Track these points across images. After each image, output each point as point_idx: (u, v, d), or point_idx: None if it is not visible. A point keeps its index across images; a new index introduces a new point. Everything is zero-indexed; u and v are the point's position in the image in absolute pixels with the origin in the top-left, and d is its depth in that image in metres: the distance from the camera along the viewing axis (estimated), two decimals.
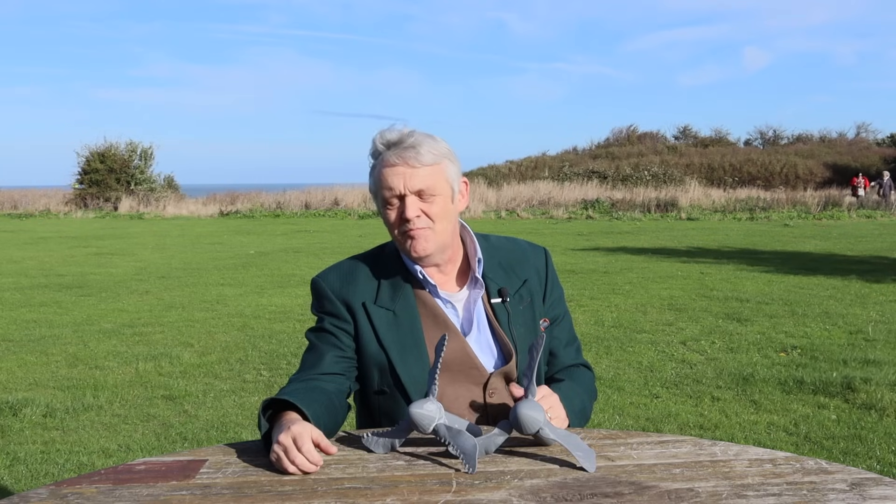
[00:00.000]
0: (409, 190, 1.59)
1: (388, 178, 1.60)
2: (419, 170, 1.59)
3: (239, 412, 4.54)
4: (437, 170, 1.61)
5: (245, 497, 1.25)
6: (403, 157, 1.59)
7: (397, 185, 1.59)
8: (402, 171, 1.59)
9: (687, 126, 48.94)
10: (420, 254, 1.63)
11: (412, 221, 1.60)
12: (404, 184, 1.59)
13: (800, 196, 26.50)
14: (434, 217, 1.62)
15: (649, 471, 1.33)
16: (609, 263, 11.60)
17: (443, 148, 1.63)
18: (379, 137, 1.63)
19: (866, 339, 6.15)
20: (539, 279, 1.77)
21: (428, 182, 1.60)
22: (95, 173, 31.15)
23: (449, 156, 1.65)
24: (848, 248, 13.48)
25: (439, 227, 1.63)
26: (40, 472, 3.65)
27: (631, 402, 4.63)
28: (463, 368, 1.65)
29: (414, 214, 1.60)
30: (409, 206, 1.60)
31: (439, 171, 1.62)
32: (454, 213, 1.67)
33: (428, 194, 1.60)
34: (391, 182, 1.60)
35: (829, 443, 3.87)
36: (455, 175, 1.66)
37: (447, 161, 1.64)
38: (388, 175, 1.60)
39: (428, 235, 1.62)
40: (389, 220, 1.64)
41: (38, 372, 5.49)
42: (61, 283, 10.22)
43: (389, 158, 1.60)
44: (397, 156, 1.59)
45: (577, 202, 27.59)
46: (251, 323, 7.25)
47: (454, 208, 1.67)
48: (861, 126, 46.74)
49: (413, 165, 1.59)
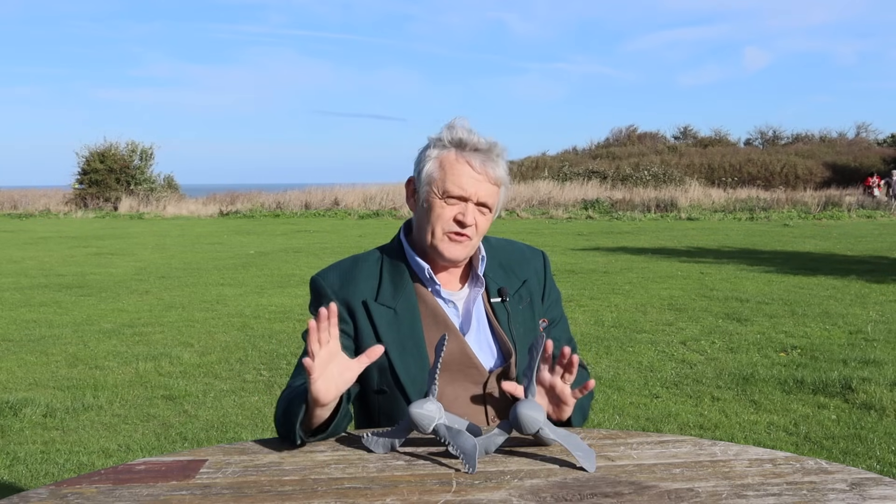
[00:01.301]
0: (477, 198, 1.64)
1: (463, 177, 1.63)
2: (492, 185, 1.65)
3: (239, 412, 4.54)
4: (500, 191, 1.69)
5: (245, 497, 1.25)
6: (486, 167, 1.64)
7: (470, 189, 1.63)
8: (480, 180, 1.64)
9: (687, 126, 48.96)
10: (454, 259, 1.67)
11: (465, 227, 1.64)
12: (476, 191, 1.63)
13: (800, 196, 26.52)
14: (479, 230, 1.68)
15: (649, 471, 1.33)
16: (609, 263, 11.60)
17: (507, 173, 1.71)
18: (466, 134, 1.64)
19: (866, 339, 6.16)
20: (538, 280, 1.80)
21: (492, 199, 1.67)
22: (95, 173, 31.14)
23: (508, 183, 1.72)
24: (848, 248, 13.48)
25: (476, 240, 1.69)
26: (40, 472, 3.65)
27: (631, 402, 4.63)
28: (462, 368, 1.65)
29: (471, 222, 1.64)
30: (469, 211, 1.64)
31: (499, 193, 1.69)
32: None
33: (486, 208, 1.66)
34: (464, 183, 1.63)
35: (829, 443, 3.87)
36: (504, 199, 1.74)
37: (505, 186, 1.71)
38: (465, 174, 1.63)
39: (468, 244, 1.67)
40: (439, 215, 1.65)
41: (38, 372, 5.49)
42: (61, 283, 10.22)
43: (473, 160, 1.63)
44: (482, 163, 1.63)
45: (577, 202, 27.59)
46: (251, 323, 7.25)
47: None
48: (861, 126, 46.78)
49: (491, 179, 1.64)
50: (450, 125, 1.66)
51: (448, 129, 1.66)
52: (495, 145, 1.65)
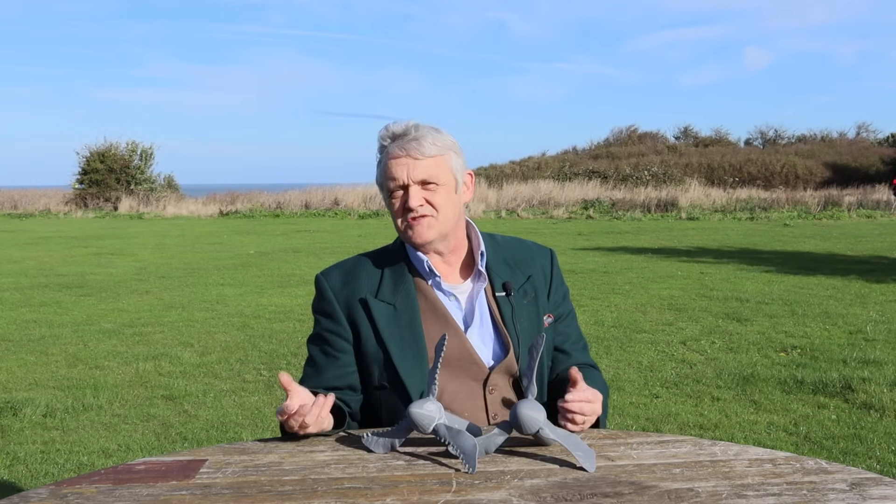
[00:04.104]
0: (412, 180, 1.64)
1: (392, 168, 1.64)
2: (422, 161, 1.63)
3: (239, 412, 4.54)
4: (440, 161, 1.65)
5: (245, 497, 1.25)
6: (406, 148, 1.63)
7: (401, 175, 1.64)
8: (405, 162, 1.63)
9: (688, 126, 48.88)
10: (421, 240, 1.67)
11: (415, 210, 1.64)
12: (407, 174, 1.63)
13: (800, 196, 26.48)
14: (437, 206, 1.66)
15: (649, 471, 1.33)
16: (609, 263, 11.59)
17: (447, 140, 1.67)
18: (384, 131, 1.67)
19: (866, 339, 6.15)
20: (544, 277, 1.79)
21: (431, 172, 1.64)
22: (95, 173, 31.11)
23: (453, 147, 1.69)
24: (848, 248, 13.47)
25: (442, 216, 1.67)
26: (40, 472, 3.65)
27: (631, 402, 4.63)
28: (462, 364, 1.66)
29: (417, 203, 1.63)
30: (412, 195, 1.64)
31: (442, 162, 1.66)
32: (458, 204, 1.71)
33: (431, 184, 1.64)
34: (395, 172, 1.64)
35: (829, 443, 3.87)
36: (459, 166, 1.70)
37: (451, 153, 1.68)
38: (393, 166, 1.64)
39: (430, 223, 1.66)
40: (394, 210, 1.68)
41: (38, 372, 5.49)
42: (61, 283, 10.22)
43: (394, 150, 1.64)
44: (401, 147, 1.63)
45: (578, 202, 27.57)
46: (251, 323, 7.25)
47: (458, 199, 1.70)
48: (861, 126, 46.64)
49: (416, 157, 1.63)
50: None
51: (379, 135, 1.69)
52: (412, 126, 1.66)
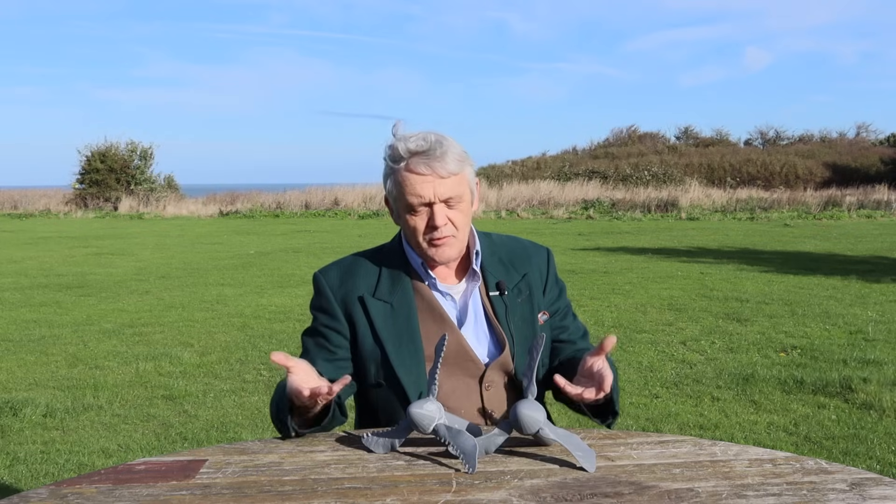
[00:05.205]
0: (438, 198, 1.62)
1: (416, 185, 1.61)
2: (447, 179, 1.62)
3: (239, 412, 4.54)
4: (461, 178, 1.65)
5: (245, 497, 1.26)
6: (432, 167, 1.60)
7: (427, 193, 1.61)
8: (431, 181, 1.61)
9: (688, 126, 48.86)
10: (444, 261, 1.68)
11: (440, 230, 1.63)
12: (434, 192, 1.61)
13: (800, 196, 26.48)
14: (458, 224, 1.66)
15: (649, 471, 1.33)
16: (609, 263, 11.59)
17: (463, 153, 1.66)
18: (403, 144, 1.62)
19: (866, 339, 6.15)
20: (540, 275, 1.80)
21: (456, 190, 1.63)
22: (96, 173, 31.11)
23: (468, 160, 1.68)
24: (848, 248, 13.47)
25: (461, 233, 1.68)
26: (40, 472, 3.65)
27: (631, 402, 4.63)
28: (458, 361, 1.67)
29: (442, 223, 1.63)
30: (437, 214, 1.62)
31: (463, 179, 1.65)
32: (471, 215, 1.72)
33: (455, 202, 1.64)
34: (420, 190, 1.61)
35: (829, 443, 3.87)
36: (473, 179, 1.70)
37: (468, 167, 1.67)
38: (417, 183, 1.61)
39: (452, 243, 1.66)
40: (414, 227, 1.66)
41: (38, 372, 5.49)
42: (61, 283, 10.22)
43: (418, 167, 1.60)
44: (426, 165, 1.60)
45: (578, 202, 27.57)
46: (251, 323, 7.25)
47: (471, 210, 1.71)
48: (861, 126, 46.59)
49: (442, 175, 1.61)
50: (389, 143, 1.65)
51: (388, 147, 1.65)
52: (434, 141, 1.61)
